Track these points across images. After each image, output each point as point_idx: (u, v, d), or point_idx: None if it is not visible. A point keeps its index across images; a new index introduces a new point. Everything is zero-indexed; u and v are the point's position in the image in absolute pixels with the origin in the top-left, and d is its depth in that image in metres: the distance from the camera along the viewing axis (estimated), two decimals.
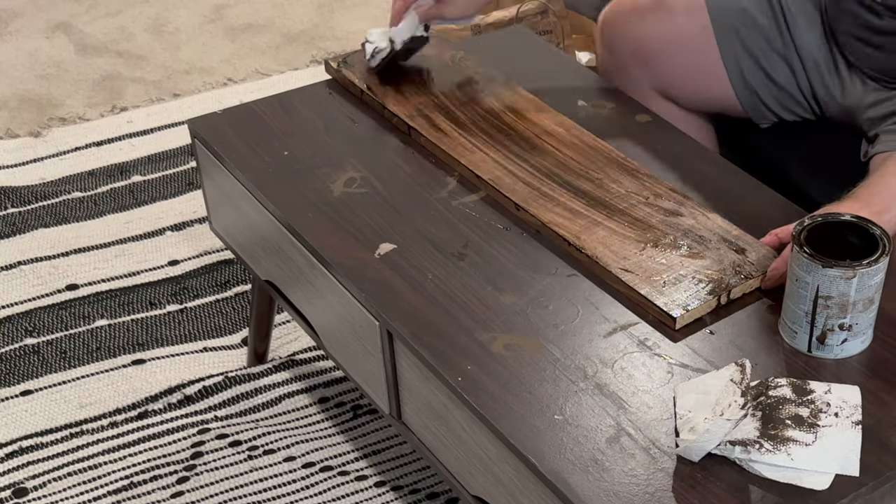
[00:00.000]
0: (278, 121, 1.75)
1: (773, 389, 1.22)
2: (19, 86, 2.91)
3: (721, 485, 1.15)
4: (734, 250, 1.41)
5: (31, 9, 3.25)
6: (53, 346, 2.11)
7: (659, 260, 1.40)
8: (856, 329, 1.27)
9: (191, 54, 3.03)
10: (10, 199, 2.47)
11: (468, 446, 1.33)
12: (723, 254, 1.40)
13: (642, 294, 1.36)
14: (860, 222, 1.29)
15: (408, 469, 1.84)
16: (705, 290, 1.36)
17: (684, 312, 1.33)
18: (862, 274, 1.22)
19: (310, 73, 2.91)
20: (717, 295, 1.35)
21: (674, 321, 1.32)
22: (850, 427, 1.18)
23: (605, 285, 1.40)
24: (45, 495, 1.82)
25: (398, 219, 1.54)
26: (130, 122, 2.75)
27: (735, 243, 1.42)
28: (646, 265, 1.40)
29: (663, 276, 1.38)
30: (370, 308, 1.41)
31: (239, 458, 1.86)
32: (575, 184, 1.54)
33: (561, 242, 1.46)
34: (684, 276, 1.38)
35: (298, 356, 2.06)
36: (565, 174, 1.56)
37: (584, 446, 1.20)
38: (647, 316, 1.35)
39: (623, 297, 1.38)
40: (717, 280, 1.37)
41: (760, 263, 1.38)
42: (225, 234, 1.84)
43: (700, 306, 1.34)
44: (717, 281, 1.36)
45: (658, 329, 1.33)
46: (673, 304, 1.34)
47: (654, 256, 1.41)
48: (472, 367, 1.30)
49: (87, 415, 1.97)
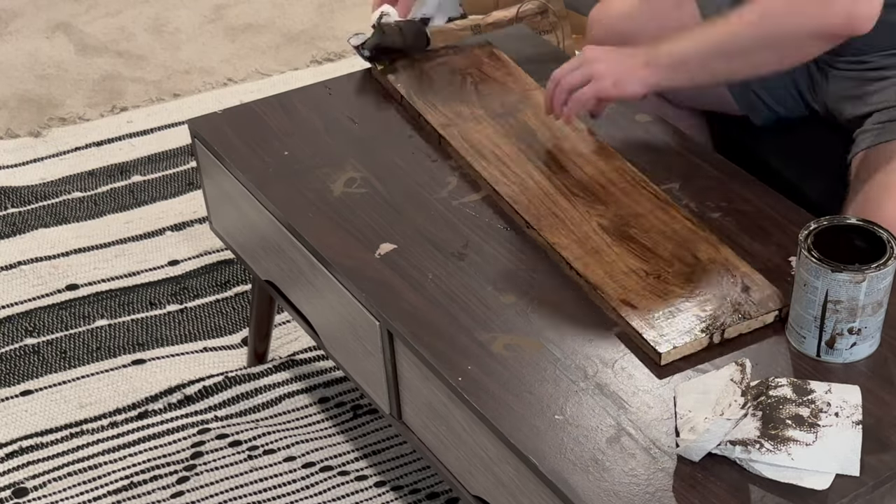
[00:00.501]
0: (278, 121, 1.75)
1: (773, 389, 1.22)
2: (19, 86, 2.91)
3: (721, 484, 1.15)
4: (739, 288, 1.36)
5: (31, 9, 3.25)
6: (53, 346, 2.11)
7: (659, 291, 1.36)
8: (865, 333, 1.27)
9: (191, 54, 3.03)
10: (10, 199, 2.47)
11: (468, 446, 1.33)
12: (726, 291, 1.35)
13: (632, 326, 1.32)
14: (866, 225, 1.29)
15: (408, 469, 1.84)
16: (699, 327, 1.31)
17: (672, 349, 1.29)
18: (871, 278, 1.22)
19: (310, 73, 2.91)
20: (710, 333, 1.30)
21: (659, 356, 1.28)
22: (851, 427, 1.18)
23: (602, 313, 1.37)
24: (45, 495, 1.82)
25: (398, 219, 1.54)
26: (130, 122, 2.75)
27: (741, 281, 1.36)
28: (644, 295, 1.36)
29: (660, 309, 1.34)
30: (370, 308, 1.41)
31: (239, 458, 1.86)
32: (590, 203, 1.50)
33: (564, 265, 1.43)
34: (681, 311, 1.33)
35: (298, 356, 2.06)
36: (583, 193, 1.53)
37: (585, 446, 1.20)
38: (637, 350, 1.31)
39: (615, 327, 1.35)
40: (713, 318, 1.32)
41: (763, 304, 1.33)
42: (225, 234, 1.84)
43: (689, 343, 1.29)
44: (713, 318, 1.32)
45: (644, 363, 1.29)
46: (662, 339, 1.30)
47: (656, 287, 1.37)
48: (473, 367, 1.30)
49: (87, 415, 1.97)
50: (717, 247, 1.42)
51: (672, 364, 1.29)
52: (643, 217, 1.47)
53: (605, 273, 1.39)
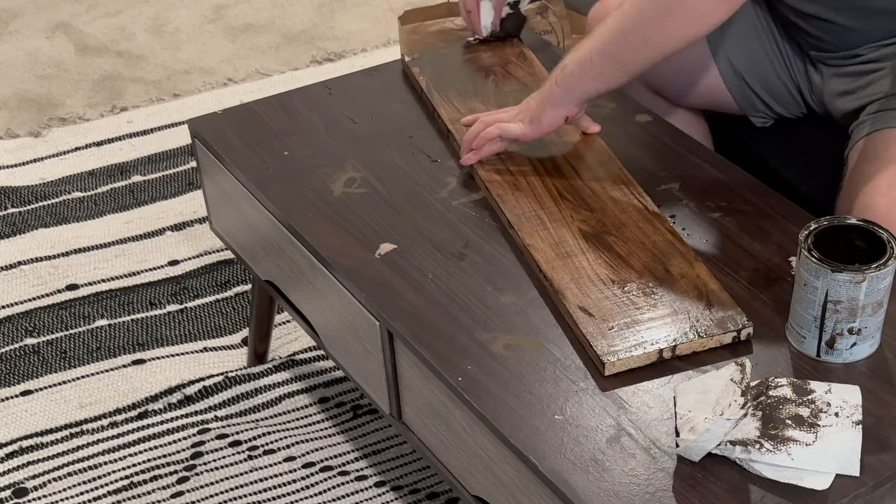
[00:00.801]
0: (278, 121, 1.75)
1: (773, 389, 1.22)
2: (19, 86, 2.91)
3: (721, 485, 1.15)
4: (702, 306, 1.32)
5: (31, 9, 3.25)
6: (53, 346, 2.11)
7: (620, 302, 1.34)
8: (865, 333, 1.26)
9: (191, 54, 3.03)
10: (10, 199, 2.47)
11: (468, 446, 1.33)
12: (688, 307, 1.32)
13: (584, 334, 1.30)
14: (867, 226, 1.29)
15: (408, 469, 1.84)
16: (650, 341, 1.28)
17: (616, 360, 1.27)
18: (871, 278, 1.22)
19: (310, 73, 2.91)
20: (660, 349, 1.28)
21: (604, 367, 1.27)
22: (851, 427, 1.18)
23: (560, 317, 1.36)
24: (45, 495, 1.82)
25: (398, 219, 1.54)
26: (130, 122, 2.75)
27: (707, 298, 1.33)
28: (604, 305, 1.34)
29: (616, 320, 1.32)
30: (370, 308, 1.41)
31: (239, 458, 1.86)
32: (576, 208, 1.50)
33: (535, 267, 1.42)
34: (637, 323, 1.31)
35: (298, 356, 2.06)
36: (572, 196, 1.52)
37: (585, 446, 1.20)
38: (586, 357, 1.30)
39: (570, 332, 1.34)
40: (667, 334, 1.29)
41: (721, 324, 1.30)
42: (225, 234, 1.84)
43: (636, 357, 1.27)
44: (666, 335, 1.29)
45: (590, 371, 1.28)
46: (609, 350, 1.28)
47: (618, 298, 1.35)
48: (473, 367, 1.30)
49: (87, 415, 1.97)
50: (693, 263, 1.39)
51: (617, 376, 1.28)
52: (626, 227, 1.46)
53: (571, 278, 1.38)
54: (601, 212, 1.49)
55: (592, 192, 1.53)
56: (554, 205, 1.51)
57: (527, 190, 1.54)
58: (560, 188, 1.54)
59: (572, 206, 1.51)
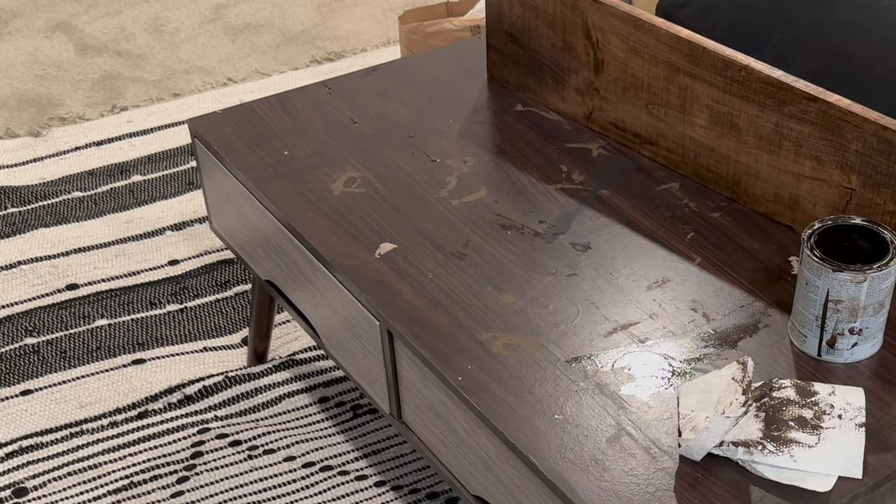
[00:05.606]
0: (278, 121, 1.75)
1: (776, 391, 1.21)
2: (19, 86, 2.91)
3: (722, 485, 1.15)
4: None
5: (31, 9, 3.25)
6: (53, 345, 2.11)
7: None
8: (866, 333, 1.26)
9: (191, 54, 3.03)
10: (10, 199, 2.47)
11: (468, 446, 1.33)
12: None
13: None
14: (870, 226, 1.28)
15: (408, 469, 1.84)
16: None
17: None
18: (873, 278, 1.22)
19: (310, 73, 2.91)
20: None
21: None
22: (854, 429, 1.17)
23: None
24: (45, 495, 1.82)
25: (398, 219, 1.53)
26: (130, 121, 2.75)
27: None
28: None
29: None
30: (370, 308, 1.41)
31: (239, 457, 1.86)
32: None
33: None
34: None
35: (298, 356, 2.06)
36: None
37: (585, 446, 1.20)
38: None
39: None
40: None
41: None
42: (225, 234, 1.83)
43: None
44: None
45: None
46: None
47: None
48: (473, 366, 1.30)
49: (87, 415, 1.97)
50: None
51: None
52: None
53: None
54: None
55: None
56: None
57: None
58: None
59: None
